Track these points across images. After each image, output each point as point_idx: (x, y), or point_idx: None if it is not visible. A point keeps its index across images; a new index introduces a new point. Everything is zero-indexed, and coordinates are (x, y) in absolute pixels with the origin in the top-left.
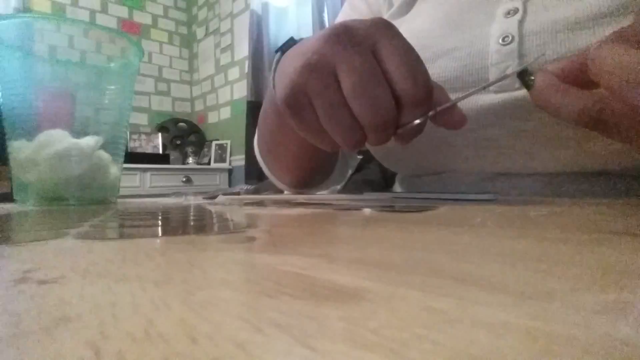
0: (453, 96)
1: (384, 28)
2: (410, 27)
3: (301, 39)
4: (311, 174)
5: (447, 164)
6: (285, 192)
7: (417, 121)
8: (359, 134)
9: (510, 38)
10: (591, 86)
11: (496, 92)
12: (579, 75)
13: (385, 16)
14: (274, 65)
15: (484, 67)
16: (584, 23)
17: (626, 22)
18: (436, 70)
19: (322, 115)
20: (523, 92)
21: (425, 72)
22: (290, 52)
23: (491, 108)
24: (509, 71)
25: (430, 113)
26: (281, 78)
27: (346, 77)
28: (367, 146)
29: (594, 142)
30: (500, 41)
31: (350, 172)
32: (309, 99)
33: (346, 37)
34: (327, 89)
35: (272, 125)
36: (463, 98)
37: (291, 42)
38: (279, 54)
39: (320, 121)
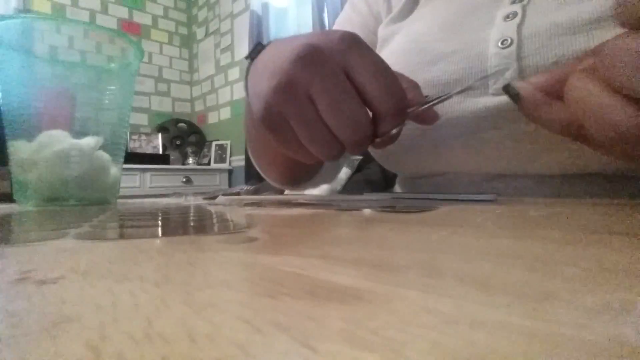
0: (452, 99)
1: (353, 43)
2: (410, 31)
3: (269, 43)
4: (295, 171)
5: (446, 166)
6: (286, 192)
7: (394, 131)
8: (338, 147)
9: (509, 41)
10: None
11: (494, 95)
12: (561, 89)
13: (385, 20)
14: (245, 73)
15: (483, 70)
16: (582, 27)
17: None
18: (436, 74)
19: (300, 133)
20: None
21: (397, 83)
22: (260, 64)
23: (490, 111)
24: (508, 74)
25: (409, 110)
26: (255, 94)
27: (321, 98)
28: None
29: None
30: (499, 44)
31: (347, 170)
32: (285, 119)
33: (316, 57)
34: (303, 110)
35: (252, 128)
36: (439, 102)
37: (259, 48)
38: (248, 61)
39: (297, 138)
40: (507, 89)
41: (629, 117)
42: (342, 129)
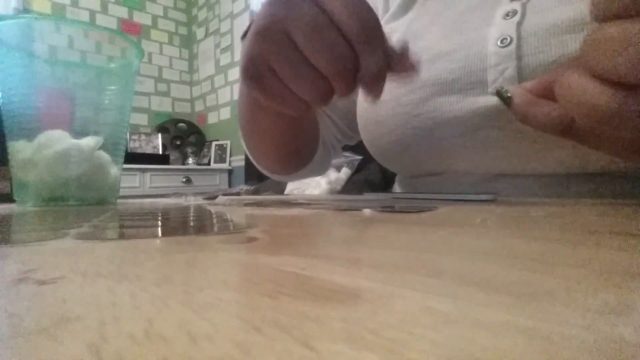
0: (452, 98)
1: None
2: (409, 29)
3: None
4: (288, 159)
5: (446, 165)
6: (286, 192)
7: (374, 67)
8: (324, 85)
9: (508, 40)
10: None
11: (494, 94)
12: (552, 90)
13: (383, 17)
14: (243, 33)
15: (483, 69)
16: (582, 25)
17: None
18: (435, 72)
19: (285, 74)
20: None
21: (368, 10)
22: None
23: (489, 110)
24: (507, 73)
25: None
26: (241, 53)
27: (297, 31)
28: (365, 144)
29: None
30: (498, 43)
31: (347, 171)
32: (268, 65)
33: None
34: (283, 48)
35: (247, 113)
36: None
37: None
38: (245, 39)
39: (283, 84)
40: (499, 93)
41: (608, 98)
42: (322, 58)
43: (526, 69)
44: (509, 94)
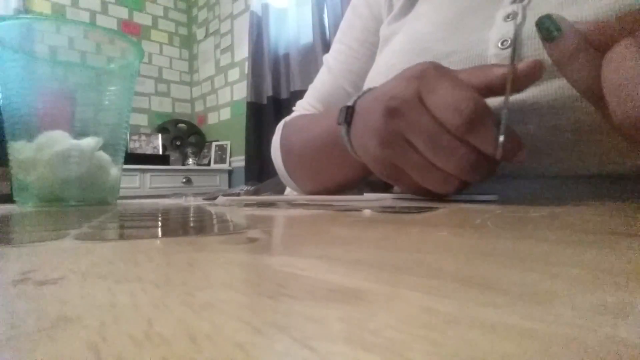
0: None
1: (422, 76)
2: (410, 30)
3: (355, 102)
4: (339, 190)
5: None
6: (286, 192)
7: (501, 139)
8: (454, 182)
9: (509, 42)
10: None
11: (537, 23)
12: (606, 44)
13: (386, 19)
14: (343, 118)
15: None
16: None
17: None
18: None
19: (416, 177)
20: (520, 96)
21: (464, 99)
22: (360, 124)
23: None
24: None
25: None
26: (365, 153)
27: (417, 141)
28: None
29: (593, 146)
30: (499, 45)
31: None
32: (399, 167)
33: (398, 105)
34: (407, 156)
35: (325, 155)
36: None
37: (350, 111)
38: (344, 126)
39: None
40: (543, 24)
41: None
42: (444, 163)
43: None
44: (558, 26)
